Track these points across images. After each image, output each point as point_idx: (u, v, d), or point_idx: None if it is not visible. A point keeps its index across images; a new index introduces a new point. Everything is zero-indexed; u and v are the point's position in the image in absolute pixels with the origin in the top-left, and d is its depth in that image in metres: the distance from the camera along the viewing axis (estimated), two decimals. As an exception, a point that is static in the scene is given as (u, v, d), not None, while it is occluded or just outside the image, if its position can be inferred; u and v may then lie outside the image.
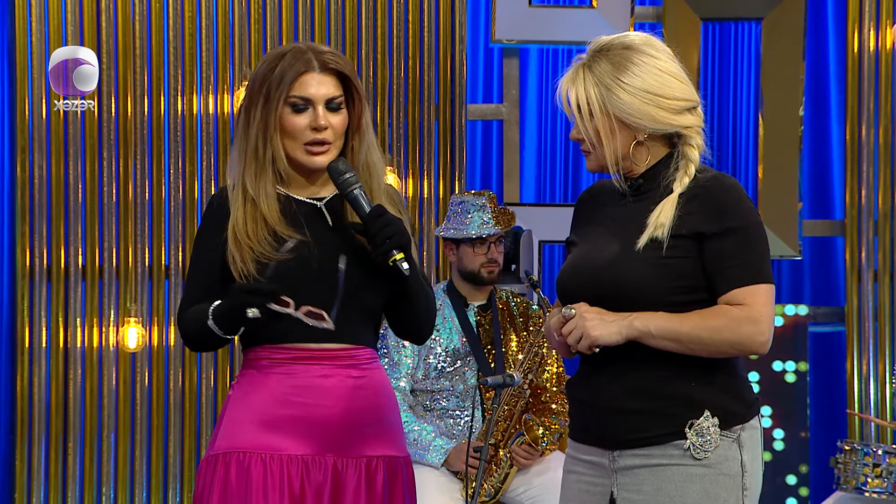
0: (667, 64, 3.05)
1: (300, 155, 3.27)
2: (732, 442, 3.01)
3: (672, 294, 3.00)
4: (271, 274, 3.22)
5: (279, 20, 6.93)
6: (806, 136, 7.29)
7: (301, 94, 3.25)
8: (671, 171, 3.05)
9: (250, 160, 3.27)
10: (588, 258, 3.10)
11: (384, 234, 3.21)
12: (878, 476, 5.29)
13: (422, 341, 3.46)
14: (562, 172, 7.53)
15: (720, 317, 2.97)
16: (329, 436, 3.26)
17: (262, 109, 3.25)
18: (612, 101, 3.02)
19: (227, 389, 6.85)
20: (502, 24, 7.06)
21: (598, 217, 3.15)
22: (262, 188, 3.27)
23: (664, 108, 3.03)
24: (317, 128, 3.26)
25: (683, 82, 3.06)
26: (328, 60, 3.28)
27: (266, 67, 3.28)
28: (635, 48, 3.04)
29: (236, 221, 3.26)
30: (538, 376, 5.59)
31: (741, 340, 2.98)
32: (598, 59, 3.05)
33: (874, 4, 7.08)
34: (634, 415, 3.02)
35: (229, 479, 3.22)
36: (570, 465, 3.15)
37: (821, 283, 7.49)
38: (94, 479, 6.82)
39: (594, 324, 3.00)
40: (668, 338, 2.97)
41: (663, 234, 3.00)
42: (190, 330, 3.30)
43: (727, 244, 2.98)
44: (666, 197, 3.03)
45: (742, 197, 3.04)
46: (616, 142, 3.05)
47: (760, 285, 2.98)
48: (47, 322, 6.83)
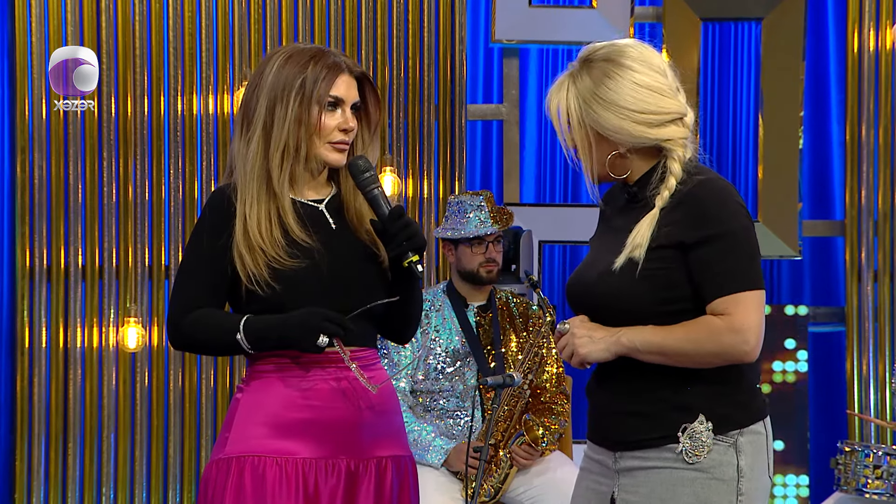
0: (647, 77, 3.03)
1: (324, 153, 3.28)
2: (728, 447, 3.02)
3: (659, 305, 3.01)
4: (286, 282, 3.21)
5: (279, 20, 6.93)
6: (806, 137, 7.29)
7: (337, 94, 3.28)
8: (654, 184, 3.06)
9: (278, 156, 3.26)
10: (586, 269, 3.14)
11: (403, 235, 3.22)
12: (879, 477, 5.28)
13: (405, 341, 3.47)
14: (562, 172, 7.54)
15: (702, 329, 2.98)
16: (341, 438, 3.26)
17: (295, 106, 3.25)
18: (589, 115, 3.04)
19: (227, 389, 6.85)
20: (502, 24, 7.06)
21: (610, 220, 3.18)
22: (286, 183, 3.27)
23: (640, 123, 3.03)
24: (346, 129, 3.29)
25: (666, 95, 3.04)
26: (353, 65, 3.34)
27: (294, 67, 3.27)
28: (614, 60, 3.04)
29: (249, 219, 3.24)
30: (538, 376, 5.59)
31: (724, 351, 2.98)
32: (581, 72, 3.06)
33: (874, 4, 7.08)
34: (633, 417, 3.04)
35: (243, 483, 3.21)
36: (584, 462, 3.20)
37: (821, 283, 7.48)
38: (94, 479, 6.82)
39: (583, 342, 3.04)
40: (655, 352, 3.00)
41: (639, 256, 3.00)
42: (202, 336, 3.26)
43: (709, 252, 2.98)
44: (648, 212, 3.03)
45: (725, 201, 3.02)
46: (594, 154, 3.07)
47: (745, 293, 2.98)
48: (47, 322, 6.83)
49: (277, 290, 3.21)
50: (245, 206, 3.25)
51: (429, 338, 5.53)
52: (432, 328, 5.55)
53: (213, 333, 3.24)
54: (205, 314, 3.25)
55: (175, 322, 3.28)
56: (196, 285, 3.28)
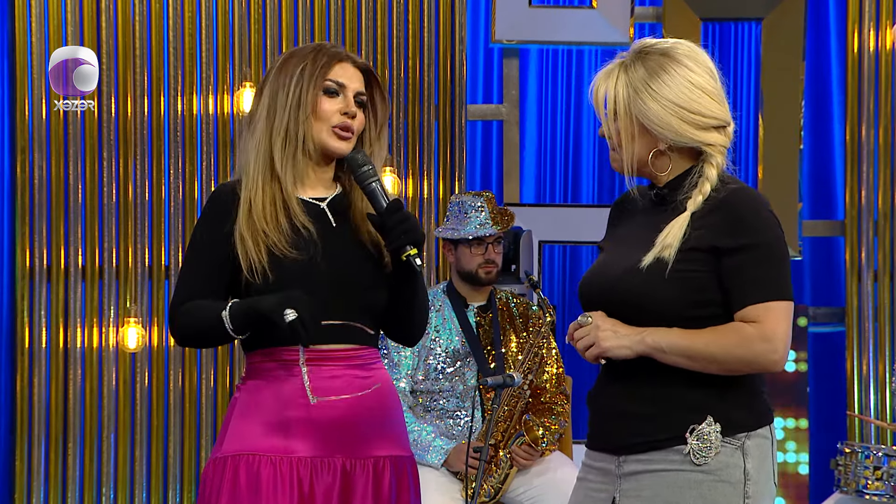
0: (701, 79, 3.03)
1: (326, 138, 3.29)
2: (735, 449, 3.00)
3: (684, 308, 2.99)
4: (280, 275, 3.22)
5: (279, 20, 6.93)
6: (806, 136, 7.29)
7: (336, 78, 3.30)
8: (687, 188, 3.04)
9: (280, 140, 3.28)
10: (606, 267, 3.11)
11: (401, 229, 3.22)
12: (879, 479, 5.29)
13: (413, 343, 3.47)
14: (562, 172, 7.54)
15: (732, 334, 2.96)
16: (337, 437, 3.26)
17: (295, 91, 3.27)
18: (637, 105, 3.02)
19: (227, 389, 6.85)
20: (502, 25, 7.06)
21: (627, 223, 3.17)
22: (289, 168, 3.28)
23: (687, 122, 3.02)
24: (347, 112, 3.29)
25: (716, 100, 3.04)
26: (357, 58, 3.36)
27: (295, 60, 3.31)
28: (673, 57, 3.03)
29: (254, 203, 3.25)
30: (538, 377, 5.59)
31: (754, 359, 2.96)
32: (636, 62, 3.04)
33: (874, 4, 7.08)
34: (638, 419, 3.02)
35: (238, 481, 3.22)
36: (582, 472, 3.16)
37: (821, 283, 7.49)
38: (94, 479, 6.82)
39: (607, 335, 3.01)
40: (680, 354, 2.97)
41: (669, 256, 2.98)
42: (190, 322, 3.27)
43: (743, 260, 2.96)
44: (679, 214, 3.02)
45: (761, 211, 3.01)
46: (635, 146, 3.04)
47: (776, 302, 2.96)
48: (47, 322, 6.83)
49: (274, 282, 3.21)
50: (250, 192, 3.26)
51: (428, 338, 5.53)
52: (432, 328, 5.55)
53: (203, 315, 3.24)
54: (197, 304, 3.26)
55: (171, 314, 3.31)
56: (196, 278, 3.29)
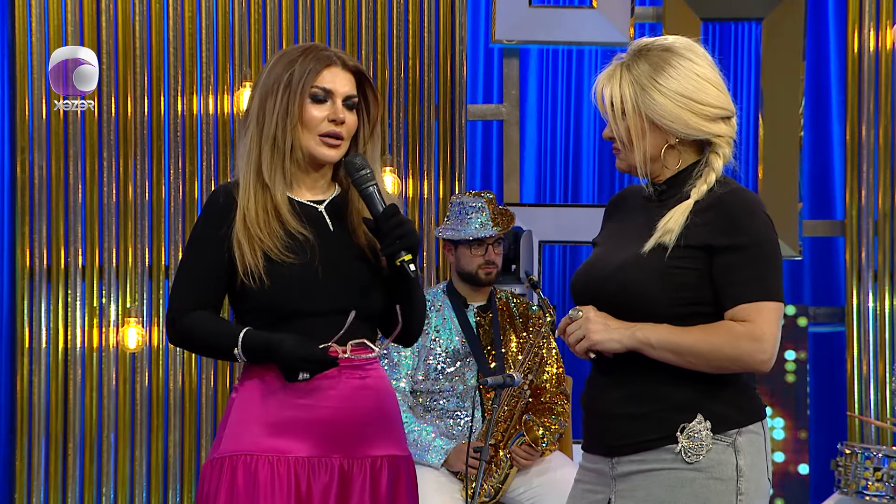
0: (706, 70, 3.04)
1: (314, 146, 3.27)
2: (727, 446, 3.01)
3: (674, 305, 2.99)
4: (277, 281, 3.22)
5: (279, 20, 6.93)
6: (806, 136, 7.29)
7: (323, 85, 3.27)
8: (692, 178, 3.05)
9: (268, 148, 3.27)
10: (600, 262, 3.12)
11: (395, 234, 3.21)
12: (879, 480, 5.29)
13: (409, 344, 3.47)
14: (562, 172, 7.54)
15: (722, 332, 2.97)
16: (335, 437, 3.26)
17: (283, 99, 3.25)
18: (645, 101, 3.02)
19: (227, 389, 6.85)
20: (502, 25, 7.06)
21: (622, 220, 3.17)
22: (277, 177, 3.27)
23: (697, 114, 3.02)
24: (335, 120, 3.27)
25: (721, 90, 3.05)
26: (348, 60, 3.33)
27: (284, 62, 3.29)
28: (675, 51, 3.04)
29: (248, 210, 3.24)
30: (538, 377, 5.59)
31: (741, 357, 2.97)
32: (638, 60, 3.04)
33: (874, 4, 7.08)
34: (630, 420, 3.03)
35: (236, 481, 3.22)
36: (578, 474, 3.17)
37: (821, 283, 7.49)
38: (94, 479, 6.82)
39: (597, 328, 3.01)
40: (669, 350, 2.97)
41: (670, 241, 2.99)
42: (200, 337, 3.27)
43: (736, 259, 2.97)
44: (681, 202, 3.03)
45: (757, 212, 3.02)
46: (646, 143, 3.04)
47: (767, 303, 2.97)
48: (47, 322, 6.83)
49: (270, 287, 3.21)
50: (244, 199, 3.26)
51: (428, 338, 5.53)
52: (432, 328, 5.54)
53: (211, 331, 3.25)
54: (204, 319, 3.26)
55: (173, 319, 3.29)
56: (195, 281, 3.29)
